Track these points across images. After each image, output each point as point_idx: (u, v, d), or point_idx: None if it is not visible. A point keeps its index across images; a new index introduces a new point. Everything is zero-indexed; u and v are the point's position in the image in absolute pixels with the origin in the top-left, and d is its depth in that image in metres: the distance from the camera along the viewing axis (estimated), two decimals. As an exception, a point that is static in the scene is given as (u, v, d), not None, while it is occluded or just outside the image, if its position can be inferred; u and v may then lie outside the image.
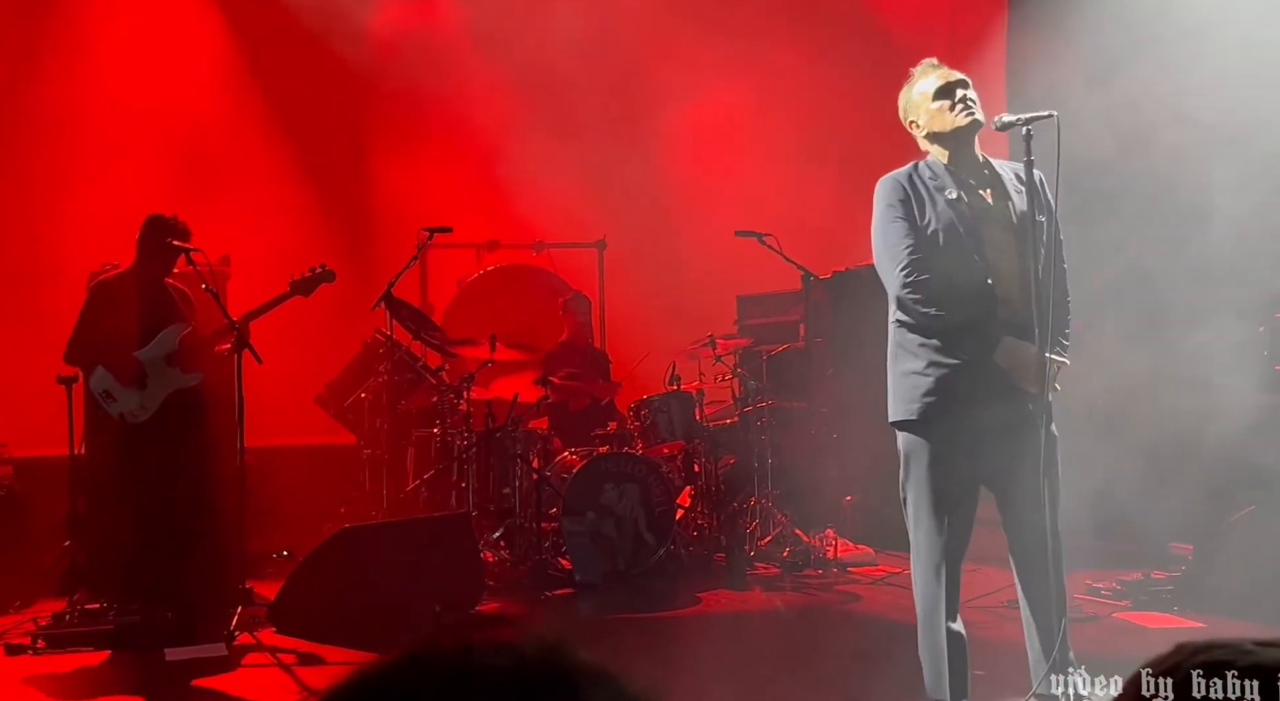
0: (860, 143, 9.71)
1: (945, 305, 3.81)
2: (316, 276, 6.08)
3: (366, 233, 9.93)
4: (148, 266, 6.06)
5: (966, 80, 3.98)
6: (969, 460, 3.87)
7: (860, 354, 7.55)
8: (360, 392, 7.88)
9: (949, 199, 3.89)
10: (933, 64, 4.03)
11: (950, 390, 3.82)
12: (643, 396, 7.52)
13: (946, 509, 3.90)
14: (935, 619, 3.95)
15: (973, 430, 3.80)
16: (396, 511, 7.30)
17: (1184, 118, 6.13)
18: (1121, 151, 6.22)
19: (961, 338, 3.82)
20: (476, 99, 9.84)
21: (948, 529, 3.90)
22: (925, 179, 3.93)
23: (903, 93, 4.06)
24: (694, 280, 9.68)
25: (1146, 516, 6.25)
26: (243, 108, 9.87)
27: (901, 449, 3.97)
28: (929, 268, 3.81)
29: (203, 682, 5.01)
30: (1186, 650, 0.99)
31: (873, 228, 3.97)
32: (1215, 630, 5.48)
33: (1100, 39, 6.76)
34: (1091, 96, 6.44)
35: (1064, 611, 3.87)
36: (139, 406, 5.93)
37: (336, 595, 5.73)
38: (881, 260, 3.93)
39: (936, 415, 3.84)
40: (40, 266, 8.84)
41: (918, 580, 3.99)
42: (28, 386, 7.16)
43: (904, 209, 3.88)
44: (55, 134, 9.35)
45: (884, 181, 3.98)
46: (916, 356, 3.88)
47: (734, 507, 7.44)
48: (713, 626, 5.87)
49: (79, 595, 6.13)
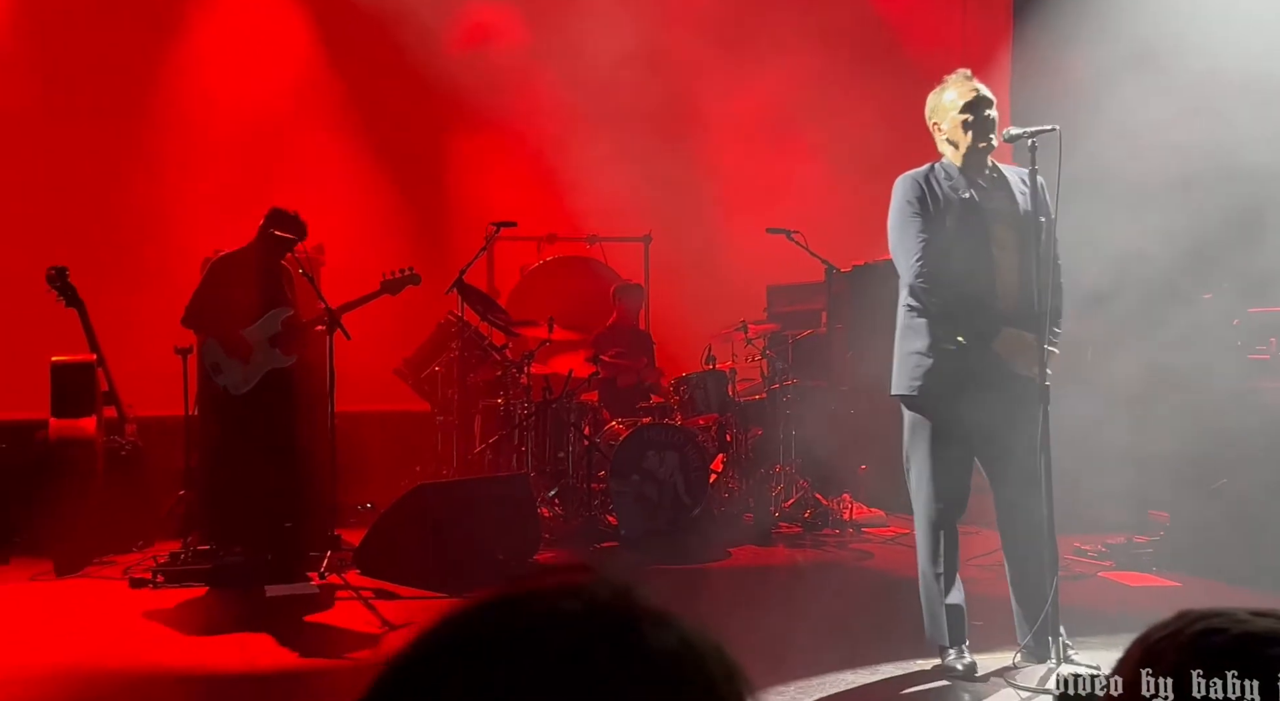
0: (878, 148, 9.66)
1: (953, 294, 3.83)
2: (405, 278, 6.14)
3: (440, 225, 10.02)
4: (263, 251, 6.14)
5: (991, 99, 3.95)
6: (964, 435, 3.89)
7: (876, 339, 7.51)
8: (435, 366, 7.97)
9: (962, 199, 3.90)
10: (966, 75, 4.00)
11: (950, 370, 3.84)
12: (682, 374, 7.55)
13: (943, 476, 3.92)
14: (933, 572, 3.98)
15: (969, 408, 3.81)
16: (465, 471, 7.40)
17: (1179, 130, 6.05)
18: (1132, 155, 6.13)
19: (965, 324, 3.83)
20: (539, 106, 9.87)
21: (945, 494, 3.93)
22: (940, 179, 3.94)
23: (933, 94, 4.04)
24: (729, 271, 9.67)
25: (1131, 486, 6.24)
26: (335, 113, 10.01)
27: (905, 422, 4.00)
28: (940, 260, 3.83)
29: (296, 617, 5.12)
30: (1189, 616, 1.00)
31: (889, 220, 3.98)
32: (1188, 588, 5.48)
33: (1101, 50, 6.66)
34: (1091, 106, 6.37)
35: (1055, 575, 3.88)
36: (241, 379, 6.02)
37: (412, 543, 5.81)
38: (896, 250, 3.95)
39: (936, 392, 3.86)
40: (162, 249, 8.98)
41: (919, 537, 4.02)
42: (150, 355, 7.31)
43: (919, 205, 3.89)
44: (177, 132, 9.51)
45: (902, 179, 3.98)
46: (922, 338, 3.89)
47: (761, 473, 7.47)
48: (741, 578, 5.92)
49: (191, 537, 6.27)
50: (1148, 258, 5.70)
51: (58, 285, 6.61)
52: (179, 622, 5.00)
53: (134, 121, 9.46)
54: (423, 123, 10.27)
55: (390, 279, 6.12)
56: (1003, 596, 4.13)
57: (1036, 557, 3.85)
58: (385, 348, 8.15)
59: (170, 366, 6.34)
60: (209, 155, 9.42)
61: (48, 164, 9.25)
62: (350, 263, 7.97)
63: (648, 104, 9.85)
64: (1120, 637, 3.76)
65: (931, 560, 3.97)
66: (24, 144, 9.19)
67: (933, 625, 4.01)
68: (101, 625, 4.98)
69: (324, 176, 9.60)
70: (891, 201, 3.99)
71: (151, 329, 7.51)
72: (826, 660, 4.17)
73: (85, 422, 6.48)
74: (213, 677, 4.17)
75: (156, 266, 8.82)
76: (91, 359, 6.67)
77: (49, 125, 9.27)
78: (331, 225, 8.43)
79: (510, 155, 9.99)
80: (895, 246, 3.95)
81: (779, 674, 3.99)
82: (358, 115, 10.02)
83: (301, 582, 5.65)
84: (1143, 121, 6.06)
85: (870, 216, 9.28)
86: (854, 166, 9.74)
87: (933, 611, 4.00)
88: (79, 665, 4.30)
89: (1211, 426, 5.68)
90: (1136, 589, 5.52)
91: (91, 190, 9.29)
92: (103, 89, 9.44)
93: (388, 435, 8.36)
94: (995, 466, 3.96)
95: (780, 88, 9.93)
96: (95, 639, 4.73)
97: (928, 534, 3.97)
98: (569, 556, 6.43)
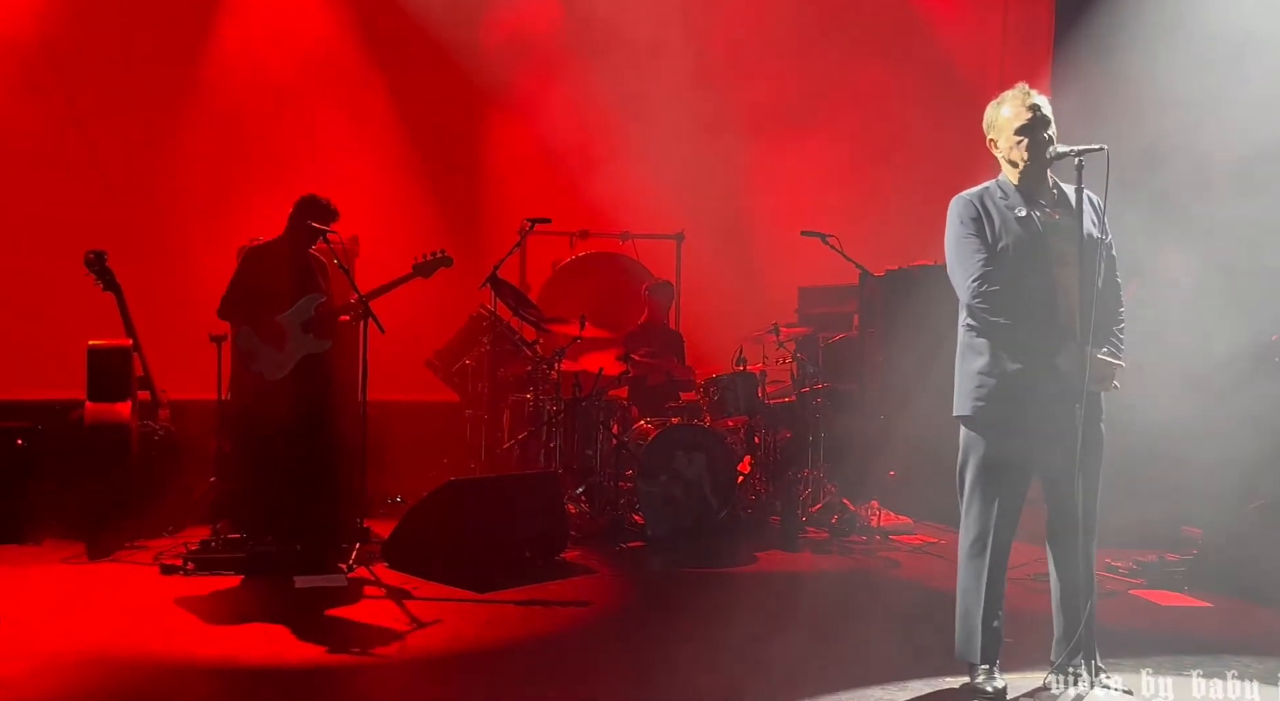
0: (917, 153, 9.58)
1: (1011, 313, 3.78)
2: (437, 261, 6.11)
3: (474, 218, 10.03)
4: (294, 239, 6.12)
5: (1049, 118, 3.88)
6: (1022, 455, 3.83)
7: (908, 344, 7.49)
8: (466, 360, 7.97)
9: (1019, 217, 3.84)
10: (1024, 91, 3.91)
11: (1010, 391, 3.78)
12: (712, 375, 7.50)
13: (996, 497, 3.86)
14: (977, 589, 3.91)
15: (1028, 428, 3.76)
16: (493, 465, 7.38)
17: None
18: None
19: (1024, 343, 3.77)
20: (572, 103, 9.83)
21: (995, 514, 3.87)
22: (996, 199, 3.88)
23: (990, 108, 3.96)
24: (761, 271, 9.63)
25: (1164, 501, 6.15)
26: (370, 106, 10.04)
27: (962, 439, 3.93)
28: (998, 280, 3.78)
29: (324, 611, 5.10)
30: None
31: (946, 242, 3.92)
32: (1220, 609, 5.38)
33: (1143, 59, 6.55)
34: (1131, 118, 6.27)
35: (1090, 597, 3.82)
36: (276, 366, 6.02)
37: (441, 538, 5.79)
38: (955, 271, 3.89)
39: (997, 413, 3.81)
40: (199, 235, 9.04)
41: (967, 554, 3.93)
42: (184, 338, 7.34)
43: (975, 226, 3.84)
44: (214, 120, 9.59)
45: (958, 200, 3.92)
46: (982, 357, 3.84)
47: (789, 477, 7.40)
48: (768, 584, 5.86)
49: (221, 524, 6.28)
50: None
51: (96, 269, 6.64)
52: (208, 612, 5.00)
53: (171, 108, 9.53)
54: (458, 117, 10.29)
55: (422, 262, 6.09)
56: (1031, 611, 4.06)
57: (1089, 569, 3.84)
58: (418, 338, 8.14)
59: (204, 350, 6.36)
60: (245, 144, 9.47)
61: (87, 151, 9.30)
62: (385, 255, 7.95)
63: (683, 101, 9.79)
64: (1151, 659, 3.67)
65: (976, 577, 3.90)
66: (64, 131, 9.27)
67: (966, 642, 3.95)
68: (132, 612, 4.98)
69: (359, 169, 9.63)
70: (947, 223, 3.93)
71: (187, 312, 7.55)
72: (855, 674, 4.12)
73: (121, 407, 6.50)
74: (241, 671, 4.16)
75: (193, 251, 8.87)
76: (128, 344, 6.70)
77: (88, 112, 9.33)
78: (366, 218, 8.43)
79: (545, 150, 9.95)
80: (953, 267, 3.90)
81: (807, 688, 3.94)
82: (393, 109, 10.07)
83: (331, 574, 5.63)
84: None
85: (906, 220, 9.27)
86: (892, 170, 9.68)
87: (969, 628, 3.93)
88: (110, 654, 4.30)
89: (1256, 442, 5.58)
90: (1167, 608, 5.43)
91: (130, 177, 9.35)
92: (140, 77, 9.49)
93: (417, 425, 8.36)
94: (1051, 478, 3.88)
95: (818, 88, 9.86)
96: (126, 626, 4.73)
97: (977, 552, 3.89)
98: (595, 554, 6.38)
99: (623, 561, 6.31)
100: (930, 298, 7.24)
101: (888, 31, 10.24)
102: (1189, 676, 4.09)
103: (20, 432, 6.81)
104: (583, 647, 4.64)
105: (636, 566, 6.26)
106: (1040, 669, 4.00)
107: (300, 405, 6.03)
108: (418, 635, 4.62)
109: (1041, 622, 4.07)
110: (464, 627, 4.78)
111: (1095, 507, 3.84)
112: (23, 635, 4.51)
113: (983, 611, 3.88)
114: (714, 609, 5.17)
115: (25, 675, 4.00)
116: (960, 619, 3.97)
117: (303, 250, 6.14)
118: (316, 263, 6.21)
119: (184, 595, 5.26)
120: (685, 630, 4.81)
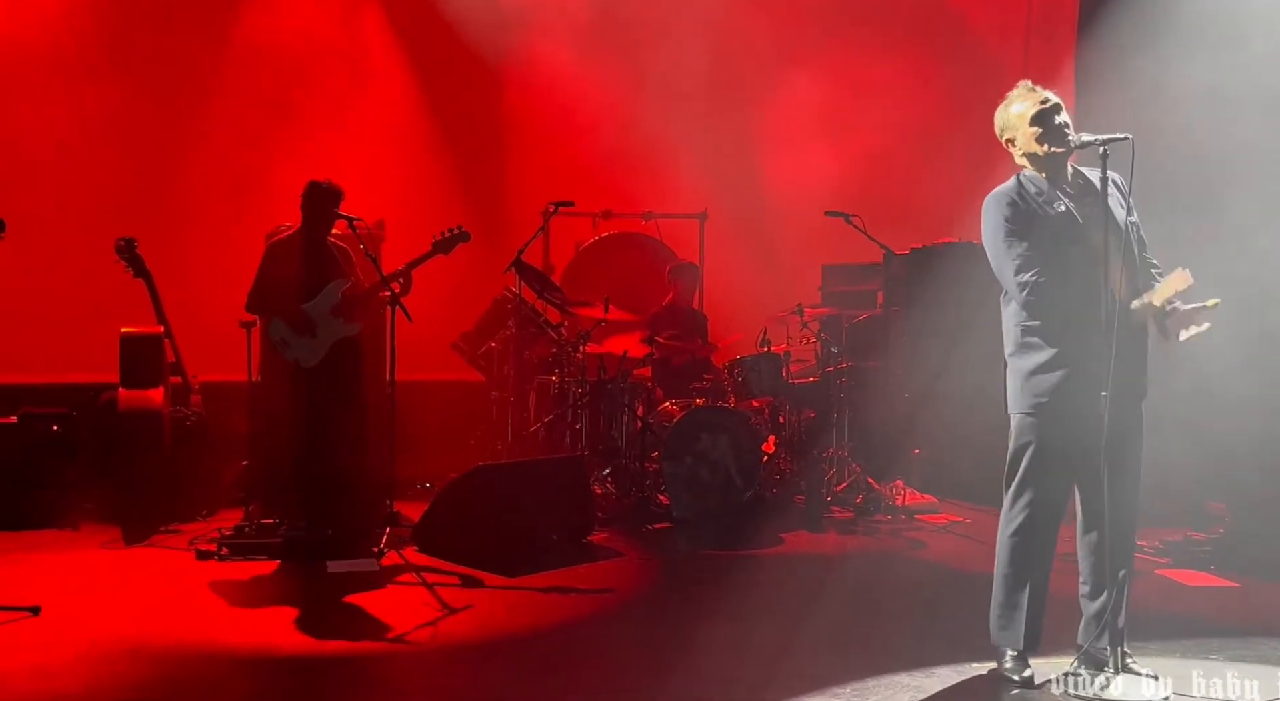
0: (938, 133, 9.47)
1: (1064, 307, 3.74)
2: (455, 236, 6.11)
3: (498, 198, 10.02)
4: (311, 228, 6.13)
5: (1060, 104, 3.85)
6: (1079, 445, 3.79)
7: (933, 323, 7.44)
8: (491, 342, 7.98)
9: (1058, 212, 3.79)
10: (1029, 87, 3.91)
11: (1067, 387, 3.75)
12: (737, 357, 7.48)
13: (1048, 486, 3.85)
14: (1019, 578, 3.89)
15: (1080, 420, 3.73)
16: (519, 447, 7.40)
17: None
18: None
19: (1077, 336, 3.73)
20: (596, 84, 9.75)
21: (1046, 503, 3.84)
22: (1031, 194, 3.84)
23: (1000, 111, 3.94)
24: (784, 249, 9.56)
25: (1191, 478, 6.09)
26: (396, 92, 10.03)
27: (1016, 430, 3.89)
28: (1045, 274, 3.74)
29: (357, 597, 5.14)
30: None
31: (986, 240, 3.88)
32: (1247, 590, 5.34)
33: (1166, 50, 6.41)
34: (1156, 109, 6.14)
35: (1120, 586, 3.80)
36: (311, 352, 6.04)
37: (470, 522, 5.82)
38: (1001, 270, 3.85)
39: (1058, 407, 3.78)
40: (224, 222, 9.07)
41: (1014, 542, 3.90)
42: (213, 319, 7.39)
43: (1017, 222, 3.80)
44: (244, 106, 9.59)
45: (993, 198, 3.88)
46: (1041, 354, 3.80)
47: (813, 457, 7.39)
48: (794, 567, 5.85)
49: (254, 508, 6.34)
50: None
51: (126, 256, 6.68)
52: (243, 599, 5.05)
53: (197, 94, 9.55)
54: (481, 98, 10.24)
55: (440, 238, 6.09)
56: (1058, 593, 4.03)
57: (1128, 553, 3.86)
58: (444, 321, 8.15)
59: (234, 333, 6.40)
60: (271, 129, 9.48)
61: (117, 137, 9.36)
62: (410, 239, 7.95)
63: (706, 81, 9.72)
64: (1177, 643, 3.65)
65: (1021, 564, 3.88)
66: (94, 118, 9.29)
67: (1002, 629, 3.93)
68: (169, 600, 5.04)
69: (383, 153, 9.64)
70: (984, 221, 3.88)
71: (216, 295, 7.58)
72: (881, 660, 4.12)
73: (153, 394, 6.56)
74: (276, 661, 4.20)
75: (221, 236, 8.91)
76: (159, 330, 6.74)
77: (117, 99, 9.36)
78: (392, 203, 8.43)
79: (568, 130, 9.90)
80: (999, 267, 3.86)
81: (834, 674, 3.94)
82: (416, 92, 10.07)
83: (363, 558, 5.68)
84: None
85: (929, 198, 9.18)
86: (913, 148, 9.57)
87: (1006, 616, 3.91)
88: (147, 643, 4.35)
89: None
90: (1194, 589, 5.39)
91: (158, 163, 9.38)
92: (166, 63, 9.51)
93: (443, 405, 8.40)
94: (1095, 475, 3.83)
95: (840, 67, 9.75)
96: (163, 615, 4.78)
97: (1025, 541, 3.87)
98: (622, 537, 6.40)
99: (649, 544, 6.33)
100: (955, 275, 7.19)
101: (912, 15, 10.11)
102: (1215, 661, 4.08)
103: (56, 419, 6.90)
104: (610, 634, 4.66)
105: (663, 549, 6.27)
106: (1067, 652, 3.98)
107: (333, 390, 6.06)
108: (449, 622, 4.65)
109: (1070, 604, 4.04)
110: (494, 614, 4.81)
111: (1139, 493, 3.85)
112: (63, 624, 4.58)
113: (1028, 599, 3.87)
114: (740, 594, 5.16)
115: (65, 665, 4.06)
116: (1000, 605, 3.94)
117: (320, 238, 6.15)
118: (338, 249, 6.21)
119: (219, 581, 5.32)
120: (711, 616, 4.82)
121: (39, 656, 4.14)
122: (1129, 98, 6.34)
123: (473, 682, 4.01)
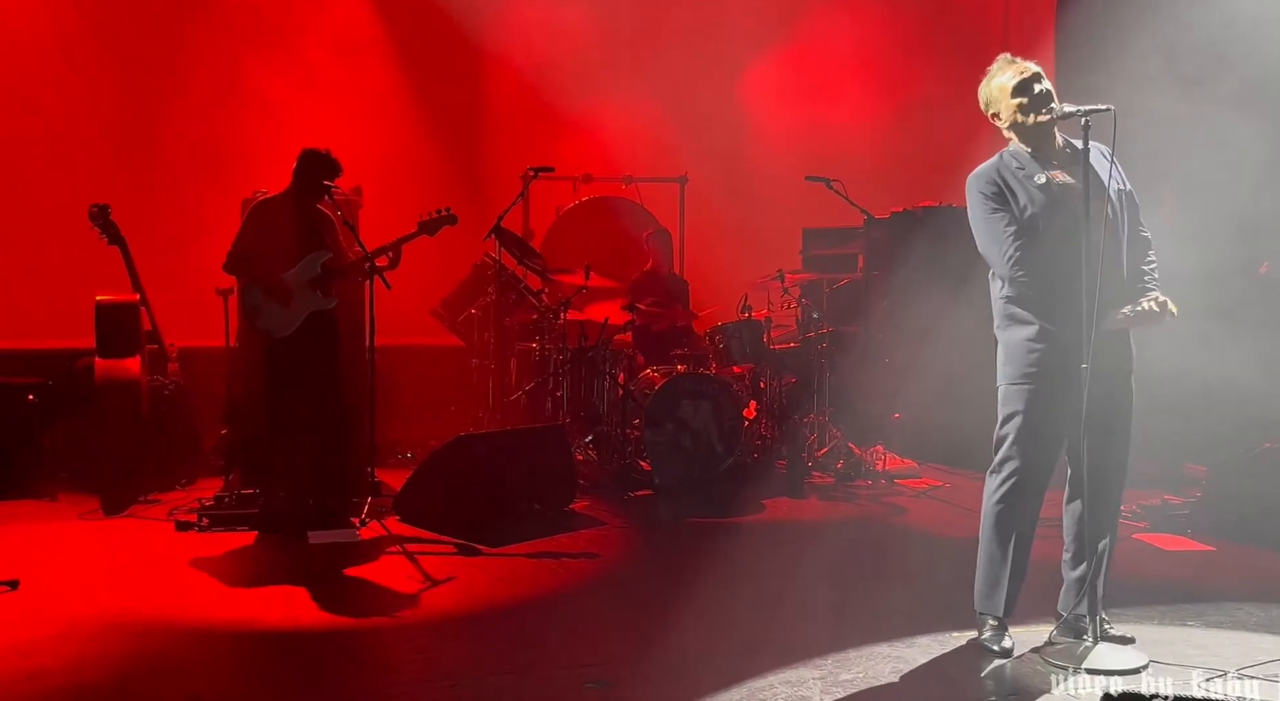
0: (919, 97, 9.40)
1: (1049, 280, 3.71)
2: (441, 219, 6.02)
3: (477, 165, 9.88)
4: (300, 195, 5.97)
5: (1040, 73, 3.81)
6: (1060, 418, 3.78)
7: (913, 287, 7.41)
8: (471, 309, 7.90)
9: (1038, 184, 3.75)
10: (1009, 59, 3.87)
11: (1061, 354, 3.73)
12: (718, 323, 7.43)
13: (1036, 456, 3.83)
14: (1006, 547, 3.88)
15: (1068, 389, 3.71)
16: (501, 414, 7.36)
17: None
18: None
19: (1065, 308, 3.70)
20: (575, 46, 9.61)
21: (1033, 472, 3.84)
22: (1012, 168, 3.80)
23: (982, 86, 3.90)
24: (765, 213, 9.51)
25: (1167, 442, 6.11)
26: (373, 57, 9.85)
27: (1004, 400, 3.87)
28: (1030, 248, 3.71)
29: (339, 568, 5.11)
30: None
31: (971, 219, 3.85)
32: (1224, 553, 5.38)
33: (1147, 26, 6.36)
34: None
35: (1099, 556, 3.82)
36: (284, 322, 5.92)
37: (452, 491, 5.80)
38: (987, 248, 3.82)
39: (1048, 377, 3.76)
40: (197, 189, 8.93)
41: (991, 509, 3.89)
42: (190, 287, 7.30)
43: (998, 200, 3.77)
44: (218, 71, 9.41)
45: (975, 176, 3.84)
46: (1029, 326, 3.77)
47: (794, 422, 7.39)
48: (775, 534, 5.85)
49: (234, 476, 6.28)
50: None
51: (100, 223, 6.56)
52: (224, 572, 5.00)
53: (171, 59, 9.36)
54: (460, 65, 10.08)
55: (427, 219, 6.01)
56: (1040, 559, 4.04)
57: (1095, 534, 3.83)
58: (423, 288, 8.07)
59: (210, 299, 6.32)
60: (245, 94, 9.31)
61: (90, 102, 9.16)
62: (388, 206, 7.85)
63: (687, 44, 9.59)
64: (1154, 609, 3.65)
65: (1006, 532, 3.88)
66: (67, 83, 9.10)
67: (986, 597, 3.93)
68: (150, 572, 4.99)
69: (359, 117, 9.48)
70: (968, 200, 3.85)
71: (191, 262, 7.48)
72: (862, 629, 4.12)
73: (130, 363, 6.46)
74: (258, 634, 4.16)
75: (195, 202, 8.79)
76: (135, 298, 6.63)
77: (91, 64, 9.17)
78: (369, 168, 8.29)
79: (547, 94, 9.76)
80: (984, 244, 3.83)
81: (816, 644, 3.94)
82: (392, 56, 9.90)
83: (344, 529, 5.64)
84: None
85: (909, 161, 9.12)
86: (893, 112, 9.50)
87: (992, 582, 3.91)
88: (128, 618, 4.30)
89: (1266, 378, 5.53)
90: (1171, 554, 5.42)
91: (133, 130, 9.21)
92: (146, 31, 9.33)
93: (423, 370, 8.34)
94: (1079, 446, 3.83)
95: (821, 32, 9.65)
96: (144, 588, 4.73)
97: (1010, 509, 3.86)
98: (604, 504, 6.38)
99: (631, 511, 6.32)
100: (934, 239, 7.16)
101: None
102: (1192, 627, 4.11)
103: (32, 388, 6.80)
104: (593, 604, 4.64)
105: (645, 517, 6.26)
106: (1047, 620, 4.00)
107: (310, 361, 5.97)
108: (432, 594, 4.62)
109: (1052, 571, 4.04)
110: (477, 585, 4.78)
111: (1127, 463, 3.86)
112: (43, 599, 4.52)
113: (1010, 567, 3.87)
114: (722, 563, 5.15)
115: (46, 641, 4.01)
116: (985, 573, 3.94)
117: (309, 205, 6.02)
118: (322, 218, 6.07)
119: (199, 553, 5.27)
120: (692, 585, 4.80)
121: (19, 633, 4.08)
122: (1111, 63, 6.29)
123: (455, 654, 3.99)
